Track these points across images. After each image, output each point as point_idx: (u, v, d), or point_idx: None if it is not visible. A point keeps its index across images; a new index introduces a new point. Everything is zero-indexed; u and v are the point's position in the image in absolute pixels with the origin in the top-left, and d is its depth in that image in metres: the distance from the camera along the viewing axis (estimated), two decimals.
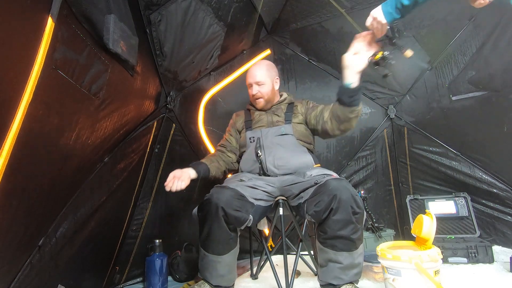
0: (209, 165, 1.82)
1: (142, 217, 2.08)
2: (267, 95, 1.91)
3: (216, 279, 1.56)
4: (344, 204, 1.41)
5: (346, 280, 1.44)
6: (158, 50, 1.90)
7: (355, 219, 1.42)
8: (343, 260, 1.43)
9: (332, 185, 1.46)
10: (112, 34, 1.24)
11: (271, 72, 1.94)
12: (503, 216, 2.29)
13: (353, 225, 1.41)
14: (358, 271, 1.47)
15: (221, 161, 1.94)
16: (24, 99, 0.88)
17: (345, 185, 1.47)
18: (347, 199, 1.41)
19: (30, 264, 1.08)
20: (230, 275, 1.59)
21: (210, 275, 1.55)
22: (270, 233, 2.12)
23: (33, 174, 1.03)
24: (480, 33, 2.30)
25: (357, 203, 1.44)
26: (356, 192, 1.49)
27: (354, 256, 1.43)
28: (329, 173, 1.64)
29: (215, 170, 1.86)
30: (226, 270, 1.55)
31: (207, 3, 1.98)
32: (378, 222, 2.58)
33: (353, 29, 2.67)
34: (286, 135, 1.84)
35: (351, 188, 1.48)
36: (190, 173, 1.71)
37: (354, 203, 1.42)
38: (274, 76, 1.95)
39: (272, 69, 1.96)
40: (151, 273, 1.89)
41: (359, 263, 1.46)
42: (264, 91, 1.89)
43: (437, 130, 2.56)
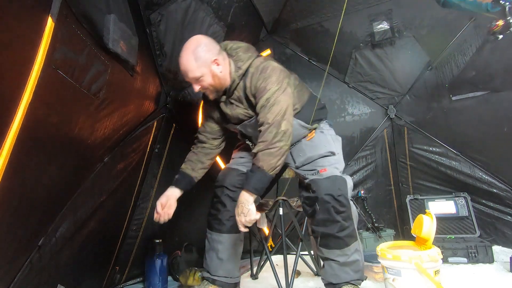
0: (192, 174, 1.72)
1: (142, 217, 2.08)
2: (212, 86, 1.55)
3: (215, 264, 1.64)
4: (325, 204, 1.45)
5: (345, 278, 1.47)
6: (158, 50, 1.89)
7: (341, 218, 1.45)
8: (336, 257, 1.48)
9: (315, 186, 1.50)
10: (112, 34, 1.24)
11: (203, 58, 1.48)
12: (503, 216, 2.29)
13: (338, 223, 1.45)
14: (356, 268, 1.49)
15: (204, 158, 1.77)
16: (24, 99, 0.88)
17: (327, 185, 1.47)
18: (328, 200, 1.44)
19: (30, 264, 1.08)
20: (229, 264, 1.65)
21: (210, 259, 1.66)
22: (270, 233, 2.12)
23: (33, 174, 1.03)
24: (480, 33, 2.30)
25: (340, 202, 1.45)
26: (342, 187, 1.47)
27: (347, 253, 1.47)
28: (320, 164, 1.57)
29: (200, 173, 1.76)
30: (226, 254, 1.63)
31: (207, 3, 1.98)
32: (378, 222, 2.58)
33: (353, 29, 2.68)
34: None
35: (337, 185, 1.47)
36: (176, 194, 1.66)
37: (336, 203, 1.44)
38: (209, 60, 1.48)
39: (201, 53, 1.47)
40: (151, 273, 1.89)
41: (354, 260, 1.48)
42: (205, 84, 1.53)
43: (437, 130, 2.56)
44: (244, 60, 1.56)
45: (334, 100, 2.92)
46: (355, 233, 1.49)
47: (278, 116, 1.41)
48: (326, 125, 1.78)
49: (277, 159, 1.40)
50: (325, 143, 1.64)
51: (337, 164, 1.59)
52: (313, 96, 1.77)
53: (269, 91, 1.45)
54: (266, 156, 1.38)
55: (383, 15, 2.56)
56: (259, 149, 1.40)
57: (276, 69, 1.51)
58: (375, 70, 2.72)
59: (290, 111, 1.46)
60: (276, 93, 1.45)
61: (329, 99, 2.92)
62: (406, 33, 2.55)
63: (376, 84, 2.77)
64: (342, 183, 1.49)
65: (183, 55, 1.50)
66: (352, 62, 2.77)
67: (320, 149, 1.60)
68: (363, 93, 2.85)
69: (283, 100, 1.44)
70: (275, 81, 1.46)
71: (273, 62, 1.56)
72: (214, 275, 1.65)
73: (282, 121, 1.40)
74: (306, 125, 1.65)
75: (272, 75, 1.48)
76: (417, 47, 2.55)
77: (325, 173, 1.52)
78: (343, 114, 2.90)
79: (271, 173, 1.40)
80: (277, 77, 1.48)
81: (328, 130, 1.75)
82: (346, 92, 2.90)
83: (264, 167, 1.38)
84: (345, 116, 2.90)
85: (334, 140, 1.71)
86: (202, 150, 1.78)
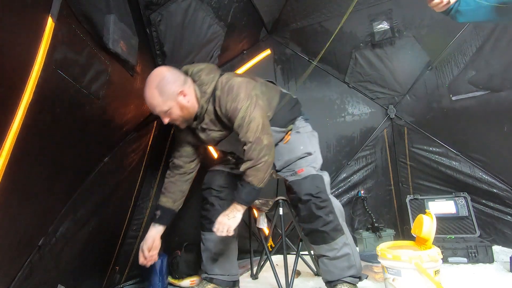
0: (173, 207, 1.70)
1: (142, 217, 2.08)
2: (181, 117, 1.51)
3: (211, 263, 1.68)
4: (306, 203, 1.53)
5: (339, 275, 1.52)
6: (158, 50, 1.89)
7: (322, 213, 1.51)
8: (326, 253, 1.55)
9: (295, 186, 1.58)
10: (112, 34, 1.24)
11: (168, 91, 1.44)
12: (503, 216, 2.30)
13: (321, 218, 1.52)
14: (348, 263, 1.52)
15: (184, 186, 1.73)
16: (24, 99, 0.88)
17: (306, 185, 1.54)
18: (309, 198, 1.52)
19: (30, 264, 1.08)
20: (225, 262, 1.69)
21: (206, 259, 1.71)
22: (270, 233, 2.12)
23: (33, 174, 1.03)
24: (480, 33, 2.30)
25: (320, 198, 1.52)
26: (319, 184, 1.55)
27: (335, 247, 1.52)
28: (298, 165, 1.62)
29: (181, 202, 1.74)
30: (220, 253, 1.68)
31: (207, 3, 1.98)
32: (378, 222, 2.58)
33: (353, 29, 2.68)
34: None
35: (315, 183, 1.54)
36: (160, 232, 1.66)
37: (316, 200, 1.52)
38: (174, 92, 1.44)
39: (166, 87, 1.43)
40: (151, 273, 1.89)
41: (344, 254, 1.52)
42: (174, 116, 1.49)
43: (437, 130, 2.56)
44: (208, 83, 1.53)
45: (334, 100, 2.92)
46: (340, 227, 1.54)
47: (257, 133, 1.42)
48: (302, 122, 1.78)
49: (264, 173, 1.45)
50: (302, 144, 1.67)
51: (314, 163, 1.65)
52: (283, 95, 1.75)
53: (241, 110, 1.44)
54: (254, 172, 1.43)
55: (383, 15, 2.56)
56: (247, 167, 1.44)
57: (242, 85, 1.48)
58: (375, 70, 2.72)
59: (266, 123, 1.48)
60: (249, 110, 1.44)
61: (329, 99, 2.92)
62: (406, 33, 2.55)
63: (376, 84, 2.77)
64: (319, 181, 1.57)
65: (147, 91, 1.44)
66: (352, 62, 2.77)
67: (297, 151, 1.65)
68: (363, 93, 2.85)
69: (257, 115, 1.44)
70: (244, 98, 1.45)
71: (237, 78, 1.53)
72: (210, 274, 1.69)
73: (262, 136, 1.43)
74: (281, 129, 1.68)
75: (239, 92, 1.46)
76: (417, 47, 2.55)
77: (302, 173, 1.59)
78: (343, 114, 2.90)
79: (260, 186, 1.46)
80: (245, 93, 1.46)
81: (303, 128, 1.75)
82: (346, 92, 2.90)
83: (253, 182, 1.44)
84: (345, 116, 2.89)
85: (310, 137, 1.74)
86: (180, 177, 1.72)
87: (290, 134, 1.71)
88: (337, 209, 1.56)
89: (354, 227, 2.73)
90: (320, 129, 2.89)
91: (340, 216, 1.56)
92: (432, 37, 2.49)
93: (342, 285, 1.51)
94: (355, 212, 2.76)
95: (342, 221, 1.57)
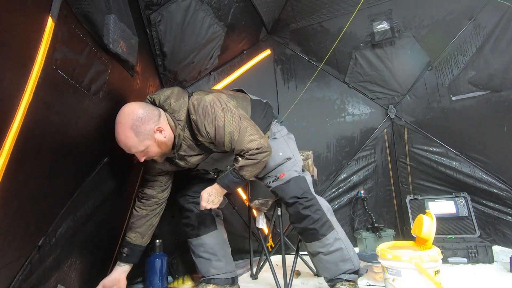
0: (142, 243, 1.65)
1: None
2: (157, 153, 1.45)
3: (205, 266, 1.71)
4: (291, 205, 1.55)
5: (336, 271, 1.53)
6: (158, 50, 1.90)
7: (309, 211, 1.53)
8: (319, 249, 1.56)
9: (279, 192, 1.60)
10: (112, 34, 1.24)
11: (144, 131, 1.36)
12: (503, 216, 2.30)
13: (308, 217, 1.53)
14: (342, 257, 1.53)
15: (154, 219, 1.69)
16: (24, 99, 0.88)
17: (289, 188, 1.56)
18: (294, 201, 1.54)
19: (30, 264, 1.08)
20: (218, 262, 1.71)
21: (199, 264, 1.74)
22: (269, 233, 2.12)
23: (33, 174, 1.03)
24: (480, 33, 2.30)
25: (305, 198, 1.54)
26: (302, 185, 1.57)
27: (326, 243, 1.53)
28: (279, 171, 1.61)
29: (150, 236, 1.70)
30: (212, 253, 1.71)
31: (207, 3, 1.98)
32: (378, 222, 2.58)
33: (353, 29, 2.68)
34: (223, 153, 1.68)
35: (298, 185, 1.56)
36: (126, 272, 1.61)
37: (302, 200, 1.53)
38: (151, 131, 1.37)
39: (141, 127, 1.35)
40: (151, 273, 1.89)
41: (337, 248, 1.54)
42: (151, 154, 1.43)
43: (437, 130, 2.56)
44: (179, 110, 1.45)
45: (334, 100, 2.92)
46: (329, 223, 1.55)
47: (257, 140, 1.41)
48: (277, 126, 1.76)
49: (260, 170, 1.50)
50: (280, 150, 1.65)
51: (294, 166, 1.64)
52: (254, 103, 1.70)
53: (225, 126, 1.40)
54: (251, 168, 1.45)
55: (383, 15, 2.56)
56: (246, 164, 1.42)
57: (215, 102, 1.43)
58: (375, 70, 2.72)
59: (256, 128, 1.47)
60: (233, 122, 1.41)
61: (329, 99, 2.92)
62: (406, 33, 2.55)
63: (376, 84, 2.77)
64: (301, 182, 1.59)
65: (121, 132, 1.34)
66: (352, 62, 2.77)
67: (276, 158, 1.62)
68: (363, 93, 2.85)
69: (246, 125, 1.43)
70: (222, 114, 1.41)
71: (207, 96, 1.46)
72: (208, 276, 1.71)
73: (261, 140, 1.43)
74: None
75: (216, 110, 1.41)
76: (417, 47, 2.55)
77: (284, 178, 1.60)
78: (343, 114, 2.90)
79: (250, 179, 1.51)
80: (222, 109, 1.42)
81: (279, 132, 1.73)
82: (346, 92, 2.90)
83: (246, 176, 1.46)
84: (345, 116, 2.89)
85: (287, 141, 1.72)
86: (152, 211, 1.66)
87: None
88: (324, 206, 1.57)
89: (354, 227, 2.73)
90: (320, 129, 2.94)
91: (327, 212, 1.57)
92: (432, 37, 2.49)
93: (341, 283, 1.52)
94: (355, 212, 2.76)
95: (331, 216, 1.58)
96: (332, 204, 2.75)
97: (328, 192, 2.82)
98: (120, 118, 1.35)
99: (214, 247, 1.73)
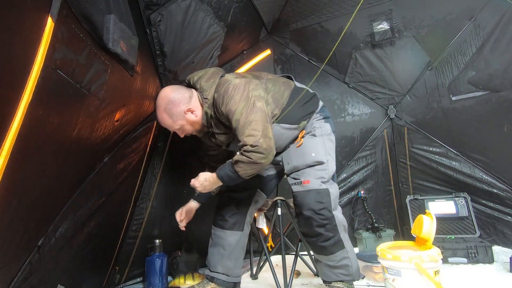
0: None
1: (142, 217, 2.08)
2: (193, 131, 1.64)
3: (215, 259, 1.70)
4: (306, 219, 1.51)
5: (334, 278, 1.56)
6: (158, 50, 1.89)
7: (323, 230, 1.49)
8: (323, 260, 1.57)
9: (297, 199, 1.56)
10: (112, 34, 1.24)
11: (176, 112, 1.54)
12: (503, 216, 2.30)
13: (321, 235, 1.50)
14: (347, 272, 1.55)
15: None
16: (24, 99, 0.88)
17: (309, 200, 1.51)
18: (310, 215, 1.49)
19: (30, 264, 1.08)
20: (229, 261, 1.70)
21: (211, 254, 1.74)
22: (269, 233, 2.12)
23: (33, 174, 1.03)
24: (480, 33, 2.30)
25: (322, 216, 1.48)
26: (324, 200, 1.50)
27: (333, 259, 1.54)
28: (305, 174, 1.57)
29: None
30: (227, 251, 1.70)
31: (207, 3, 1.98)
32: (378, 222, 2.58)
33: (353, 29, 2.68)
34: None
35: (318, 199, 1.50)
36: (195, 206, 1.79)
37: (318, 217, 1.49)
38: (181, 112, 1.54)
39: (173, 109, 1.54)
40: (151, 273, 1.89)
41: (343, 265, 1.54)
42: (188, 131, 1.63)
43: (437, 130, 2.56)
44: (207, 89, 1.54)
45: (334, 100, 2.92)
46: (341, 243, 1.52)
47: (256, 137, 1.36)
48: (320, 122, 1.67)
49: (254, 171, 1.44)
50: (314, 150, 1.58)
51: (323, 172, 1.56)
52: (296, 91, 1.66)
53: (236, 112, 1.41)
54: (246, 166, 1.39)
55: (383, 15, 2.56)
56: (241, 159, 1.39)
57: (239, 86, 1.46)
58: (375, 70, 2.72)
59: (264, 125, 1.40)
60: (244, 112, 1.40)
61: (329, 99, 2.92)
62: (406, 33, 2.55)
63: (376, 84, 2.77)
64: (324, 196, 1.51)
65: (158, 115, 1.58)
66: (352, 62, 2.77)
67: (307, 158, 1.57)
68: (363, 93, 2.85)
69: (254, 118, 1.39)
70: (239, 100, 1.42)
71: (235, 79, 1.50)
72: (213, 271, 1.70)
73: (261, 139, 1.36)
74: (292, 126, 1.60)
75: (234, 94, 1.44)
76: (417, 47, 2.55)
77: (307, 185, 1.53)
78: (343, 114, 2.90)
79: (245, 178, 1.44)
80: (241, 95, 1.43)
81: (320, 129, 1.65)
82: (346, 92, 2.90)
83: (239, 172, 1.41)
84: (345, 116, 2.89)
85: (326, 142, 1.63)
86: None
87: (303, 137, 1.62)
88: (339, 224, 1.53)
89: (354, 227, 2.73)
90: None
91: (341, 231, 1.53)
92: (432, 37, 2.49)
93: (337, 283, 1.56)
94: (355, 213, 2.76)
95: (343, 234, 1.55)
96: None
97: None
98: (158, 102, 1.56)
99: (232, 246, 1.71)
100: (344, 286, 1.55)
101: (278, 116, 1.57)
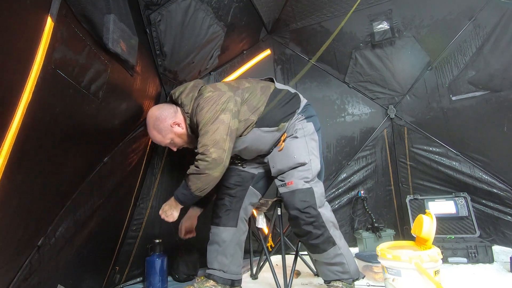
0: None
1: (142, 217, 2.08)
2: (184, 142, 1.68)
3: (212, 256, 1.72)
4: (293, 219, 1.55)
5: (333, 277, 1.58)
6: (158, 50, 1.89)
7: (311, 227, 1.52)
8: (319, 258, 1.60)
9: (284, 200, 1.60)
10: (111, 34, 1.24)
11: (163, 127, 1.60)
12: (503, 216, 2.30)
13: (309, 233, 1.53)
14: (343, 270, 1.56)
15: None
16: (24, 99, 0.88)
17: (293, 200, 1.54)
18: (296, 214, 1.53)
19: (30, 264, 1.08)
20: (224, 258, 1.71)
21: (209, 252, 1.75)
22: (269, 232, 2.12)
23: (33, 174, 1.03)
24: (480, 33, 2.30)
25: (308, 214, 1.51)
26: (308, 199, 1.52)
27: (326, 256, 1.56)
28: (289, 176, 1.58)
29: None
30: (222, 247, 1.71)
31: (207, 3, 1.98)
32: (378, 222, 2.58)
33: (353, 29, 2.68)
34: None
35: (302, 198, 1.53)
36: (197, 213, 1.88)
37: (303, 215, 1.52)
38: (168, 126, 1.60)
39: (160, 125, 1.60)
40: (151, 273, 1.89)
41: (338, 262, 1.56)
42: (178, 144, 1.68)
43: (437, 130, 2.56)
44: (187, 104, 1.61)
45: (334, 100, 2.92)
46: (331, 239, 1.54)
47: (207, 146, 1.43)
48: (302, 122, 1.66)
49: (205, 184, 1.46)
50: (296, 153, 1.59)
51: (306, 173, 1.57)
52: (275, 94, 1.68)
53: (201, 123, 1.49)
54: (195, 179, 1.46)
55: (383, 15, 2.56)
56: (190, 171, 1.47)
57: (209, 100, 1.51)
58: (375, 70, 2.72)
59: (221, 137, 1.45)
60: (207, 124, 1.47)
61: (329, 99, 2.92)
62: (406, 33, 2.55)
63: (376, 84, 2.77)
64: (307, 195, 1.53)
65: (149, 133, 1.65)
66: (352, 62, 2.77)
67: (289, 161, 1.59)
68: (363, 93, 2.85)
69: (212, 129, 1.46)
70: (206, 112, 1.49)
71: (208, 93, 1.55)
72: (210, 268, 1.72)
73: (212, 148, 1.43)
74: (271, 129, 1.63)
75: (204, 107, 1.51)
76: (417, 47, 2.55)
77: (291, 186, 1.56)
78: (343, 114, 2.90)
79: (197, 194, 1.48)
80: (209, 108, 1.49)
81: (302, 130, 1.64)
82: (346, 92, 2.90)
83: (191, 187, 1.47)
84: (345, 116, 2.89)
85: (308, 143, 1.63)
86: None
87: (285, 140, 1.64)
88: (327, 221, 1.54)
89: (354, 227, 2.73)
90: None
91: (330, 227, 1.54)
92: (432, 37, 2.49)
93: (336, 282, 1.58)
94: (355, 212, 2.76)
95: (334, 231, 1.56)
96: (332, 204, 2.75)
97: (328, 192, 2.81)
98: (147, 121, 1.65)
99: (226, 242, 1.73)
100: (344, 286, 1.55)
101: (254, 122, 1.61)
